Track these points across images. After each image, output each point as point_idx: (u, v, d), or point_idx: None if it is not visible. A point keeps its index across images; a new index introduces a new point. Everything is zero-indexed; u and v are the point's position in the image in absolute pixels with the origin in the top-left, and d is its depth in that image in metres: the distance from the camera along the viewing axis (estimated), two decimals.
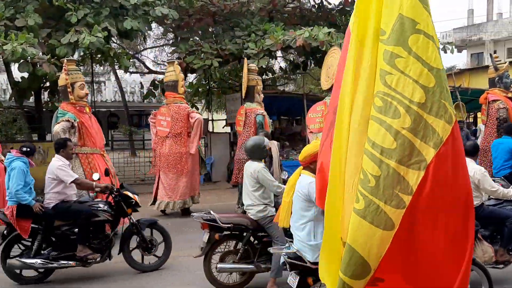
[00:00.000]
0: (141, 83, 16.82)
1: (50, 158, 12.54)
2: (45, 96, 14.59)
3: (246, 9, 14.08)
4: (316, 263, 3.77)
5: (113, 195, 5.88)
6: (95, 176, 6.30)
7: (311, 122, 8.46)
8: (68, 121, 7.26)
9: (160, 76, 16.76)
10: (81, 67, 13.20)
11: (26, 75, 11.82)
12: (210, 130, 16.61)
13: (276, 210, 4.98)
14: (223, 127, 19.03)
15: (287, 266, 4.08)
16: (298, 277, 3.93)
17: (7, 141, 13.46)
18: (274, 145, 7.34)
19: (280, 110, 14.68)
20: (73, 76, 7.59)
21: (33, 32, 10.14)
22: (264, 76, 16.38)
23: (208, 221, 5.12)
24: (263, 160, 5.69)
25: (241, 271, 5.26)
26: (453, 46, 15.14)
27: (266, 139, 5.43)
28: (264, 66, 12.14)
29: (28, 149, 5.90)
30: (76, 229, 5.71)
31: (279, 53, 14.86)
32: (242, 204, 8.43)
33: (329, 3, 14.85)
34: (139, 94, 27.55)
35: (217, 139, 14.63)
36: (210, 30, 14.28)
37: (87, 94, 7.82)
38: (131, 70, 15.86)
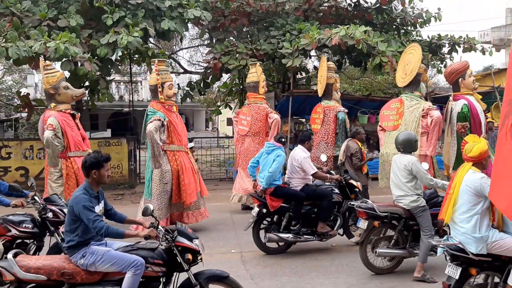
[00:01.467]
0: (178, 85, 17.05)
1: None
2: (85, 94, 15.00)
3: (281, 9, 14.08)
4: (479, 255, 4.09)
5: (342, 183, 6.84)
6: (323, 157, 7.58)
7: (384, 119, 8.31)
8: (159, 120, 7.55)
9: (195, 77, 16.97)
10: (119, 67, 13.52)
11: (67, 74, 12.20)
12: None
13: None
14: None
15: (447, 257, 4.28)
16: (460, 268, 4.13)
17: None
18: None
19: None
20: (163, 76, 7.90)
21: (75, 33, 10.46)
22: (297, 76, 16.34)
23: (366, 209, 5.60)
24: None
25: (393, 256, 5.79)
26: (492, 48, 14.70)
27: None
28: (298, 65, 12.10)
29: (284, 139, 7.00)
30: (316, 209, 6.63)
31: (313, 52, 14.78)
32: None
33: (366, 2, 14.65)
34: None
35: None
36: (245, 30, 14.35)
37: (175, 94, 8.14)
38: None
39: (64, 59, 9.87)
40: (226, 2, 12.93)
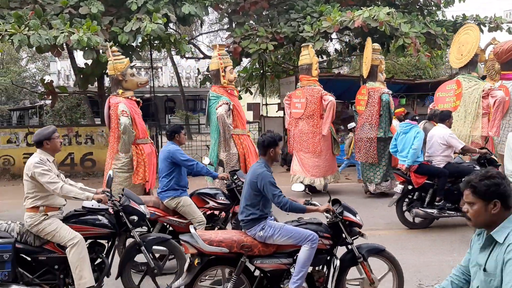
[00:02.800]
0: (198, 69, 17.06)
1: None
2: (106, 81, 15.15)
3: None
4: None
5: (482, 160, 7.07)
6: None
7: (440, 101, 8.27)
8: (227, 103, 7.68)
9: None
10: (140, 53, 13.57)
11: (89, 61, 12.30)
12: (264, 114, 16.67)
13: None
14: (276, 111, 19.04)
15: None
16: None
17: (71, 125, 14.15)
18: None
19: (335, 93, 14.40)
20: (225, 61, 8.02)
21: (96, 20, 10.51)
22: (318, 59, 16.14)
23: None
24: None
25: None
26: None
27: None
28: (319, 49, 11.95)
29: (418, 118, 7.43)
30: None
31: (334, 35, 14.56)
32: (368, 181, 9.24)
33: None
34: (195, 79, 28.02)
35: (271, 123, 14.67)
36: (265, 13, 14.20)
37: (235, 78, 8.24)
38: (187, 56, 16.07)
39: (86, 48, 9.95)
40: None
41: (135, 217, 4.43)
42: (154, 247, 4.68)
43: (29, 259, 4.21)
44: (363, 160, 9.43)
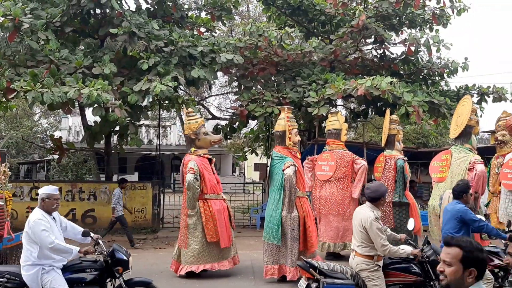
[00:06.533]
0: None
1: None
2: (114, 139, 15.42)
3: (308, 59, 14.35)
4: None
5: None
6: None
7: (434, 170, 8.42)
8: (294, 165, 7.75)
9: (223, 122, 17.25)
10: (149, 113, 13.92)
11: (98, 119, 12.58)
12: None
13: None
14: None
15: None
16: None
17: (76, 180, 14.25)
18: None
19: None
20: (292, 123, 8.22)
21: (108, 80, 10.89)
22: (323, 124, 16.41)
23: None
24: None
25: None
26: None
27: None
28: (324, 114, 12.18)
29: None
30: None
31: (339, 102, 14.89)
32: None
33: (392, 53, 14.80)
34: None
35: None
36: (272, 79, 14.64)
37: (299, 140, 8.45)
38: None
39: (95, 105, 10.23)
40: (254, 51, 13.31)
41: None
42: None
43: None
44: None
